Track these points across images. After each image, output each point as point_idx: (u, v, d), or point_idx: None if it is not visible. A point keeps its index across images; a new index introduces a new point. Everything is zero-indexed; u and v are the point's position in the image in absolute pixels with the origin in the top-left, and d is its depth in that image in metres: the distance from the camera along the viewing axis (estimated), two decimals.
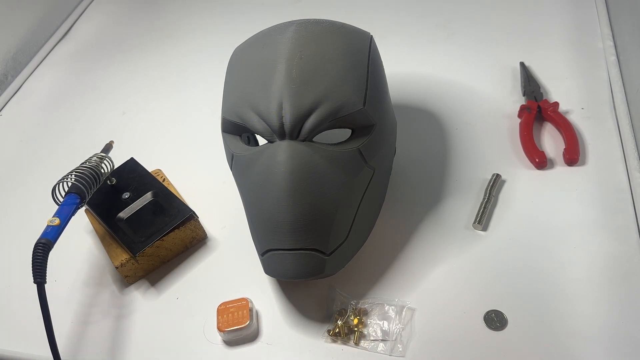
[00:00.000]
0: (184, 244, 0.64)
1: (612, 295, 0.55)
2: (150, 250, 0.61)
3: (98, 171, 0.61)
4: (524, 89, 0.76)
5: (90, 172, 0.59)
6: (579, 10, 0.88)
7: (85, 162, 0.61)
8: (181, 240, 0.63)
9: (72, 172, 0.59)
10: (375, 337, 0.55)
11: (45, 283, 0.51)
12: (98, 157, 0.63)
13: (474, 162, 0.69)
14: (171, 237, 0.62)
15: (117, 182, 0.67)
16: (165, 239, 0.61)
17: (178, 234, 0.62)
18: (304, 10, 1.00)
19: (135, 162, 0.70)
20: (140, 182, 0.67)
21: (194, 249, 0.65)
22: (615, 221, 0.61)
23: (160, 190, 0.65)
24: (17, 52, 1.00)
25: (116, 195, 0.66)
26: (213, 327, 0.58)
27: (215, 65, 0.91)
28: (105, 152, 0.66)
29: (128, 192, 0.66)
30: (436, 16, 0.93)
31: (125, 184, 0.67)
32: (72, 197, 0.57)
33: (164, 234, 0.61)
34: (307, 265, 0.53)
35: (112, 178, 0.67)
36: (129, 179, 0.68)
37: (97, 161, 0.62)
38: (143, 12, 1.09)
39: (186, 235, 0.63)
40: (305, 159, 0.52)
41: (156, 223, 0.62)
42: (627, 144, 0.67)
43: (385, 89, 0.60)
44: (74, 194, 0.57)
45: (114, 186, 0.67)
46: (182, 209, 0.63)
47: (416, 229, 0.63)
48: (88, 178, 0.59)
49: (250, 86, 0.55)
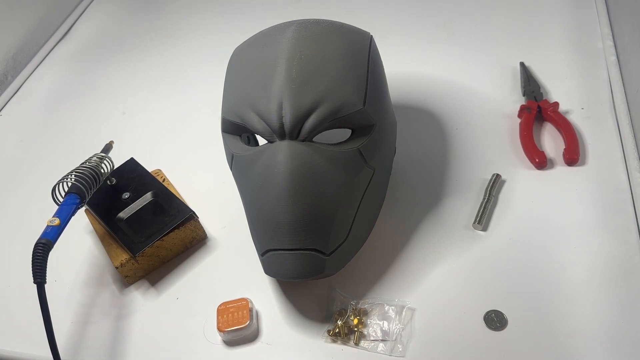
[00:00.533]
0: (184, 244, 0.64)
1: (612, 295, 0.55)
2: (150, 250, 0.61)
3: (98, 171, 0.61)
4: (524, 89, 0.76)
5: (90, 172, 0.59)
6: (579, 10, 0.88)
7: (85, 162, 0.61)
8: (181, 240, 0.63)
9: (72, 172, 0.59)
10: (375, 337, 0.55)
11: (45, 283, 0.51)
12: (98, 157, 0.63)
13: (474, 162, 0.69)
14: (171, 237, 0.62)
15: (117, 182, 0.67)
16: (165, 239, 0.61)
17: (178, 234, 0.62)
18: (304, 10, 1.00)
19: (135, 162, 0.70)
20: (140, 182, 0.67)
21: (194, 249, 0.65)
22: (615, 221, 0.61)
23: (160, 190, 0.65)
24: (17, 52, 1.00)
25: (116, 195, 0.66)
26: (213, 327, 0.58)
27: (215, 65, 0.91)
28: (105, 152, 0.66)
29: (128, 192, 0.66)
30: (436, 16, 0.93)
31: (125, 184, 0.67)
32: (72, 197, 0.57)
33: (164, 234, 0.61)
34: (307, 265, 0.53)
35: (112, 178, 0.67)
36: (129, 179, 0.68)
37: (97, 161, 0.62)
38: (143, 12, 1.09)
39: (186, 236, 0.63)
40: (305, 159, 0.52)
41: (156, 223, 0.62)
42: (627, 144, 0.67)
43: (385, 89, 0.60)
44: (73, 194, 0.57)
45: (113, 186, 0.67)
46: (182, 209, 0.63)
47: (416, 229, 0.63)
48: (88, 178, 0.59)
49: (250, 86, 0.55)
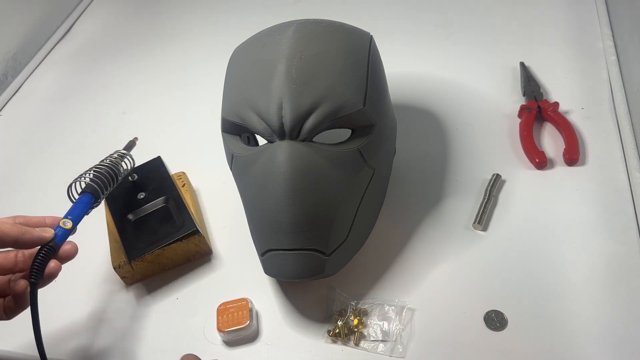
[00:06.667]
0: (187, 256, 0.63)
1: (612, 295, 0.55)
2: (150, 257, 0.60)
3: (117, 169, 0.59)
4: (524, 89, 0.76)
5: (108, 171, 0.58)
6: (579, 10, 0.88)
7: (106, 159, 0.60)
8: (183, 252, 0.62)
9: (91, 169, 0.58)
10: (375, 338, 0.54)
11: (38, 284, 0.47)
12: (119, 155, 0.62)
13: (474, 162, 0.69)
14: (173, 248, 0.61)
15: (138, 179, 0.66)
16: (166, 249, 0.60)
17: (180, 246, 0.61)
18: (304, 10, 1.00)
19: (161, 161, 0.68)
20: (158, 185, 0.65)
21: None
22: (615, 221, 0.61)
23: (174, 197, 0.64)
24: (17, 52, 1.00)
25: (133, 193, 0.65)
26: (213, 328, 0.58)
27: (215, 65, 0.91)
28: (128, 149, 0.65)
29: (144, 193, 0.65)
30: (436, 16, 0.92)
31: (145, 182, 0.66)
32: (86, 196, 0.55)
33: (164, 245, 0.60)
34: (307, 265, 0.53)
35: (134, 174, 0.66)
36: (149, 178, 0.66)
37: (117, 159, 0.61)
38: (143, 12, 1.09)
39: (189, 249, 0.62)
40: (305, 159, 0.52)
41: (159, 232, 0.61)
42: (627, 144, 0.67)
43: (385, 89, 0.60)
44: (88, 193, 0.55)
45: (135, 182, 0.66)
46: (188, 221, 0.61)
47: (416, 229, 0.63)
48: (104, 177, 0.57)
49: (250, 86, 0.55)
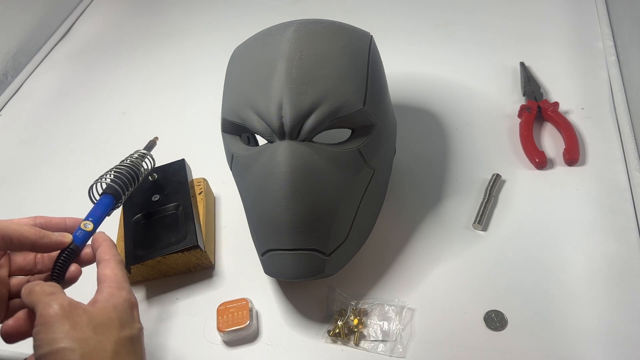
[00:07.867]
0: (187, 267, 0.62)
1: (612, 295, 0.55)
2: (151, 262, 0.59)
3: (138, 170, 0.59)
4: (524, 89, 0.76)
5: (129, 172, 0.57)
6: (579, 10, 0.88)
7: (127, 159, 0.59)
8: (184, 263, 0.61)
9: (112, 170, 0.57)
10: (375, 338, 0.54)
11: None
12: (140, 155, 0.61)
13: (474, 162, 0.69)
14: (173, 258, 0.60)
15: (157, 180, 0.65)
16: (167, 257, 0.59)
17: (181, 257, 0.60)
18: (304, 10, 1.00)
19: (184, 164, 0.67)
20: (174, 189, 0.64)
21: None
22: (615, 221, 0.61)
23: (185, 206, 0.62)
24: (17, 52, 1.00)
25: (149, 193, 0.64)
26: (213, 328, 0.58)
27: (215, 65, 0.91)
28: (148, 149, 0.64)
29: (159, 195, 0.64)
30: (436, 16, 0.92)
31: (163, 184, 0.65)
32: (107, 197, 0.55)
33: (164, 255, 0.59)
34: (307, 265, 0.53)
35: (154, 174, 0.65)
36: (168, 180, 0.65)
37: (138, 159, 0.60)
38: (143, 12, 1.09)
39: (190, 261, 0.61)
40: (305, 159, 0.52)
41: (162, 240, 0.60)
42: (627, 144, 0.67)
43: (385, 89, 0.60)
44: (109, 194, 0.55)
45: (155, 182, 0.65)
46: (190, 234, 0.60)
47: (416, 229, 0.63)
48: (126, 178, 0.56)
49: (250, 86, 0.55)
